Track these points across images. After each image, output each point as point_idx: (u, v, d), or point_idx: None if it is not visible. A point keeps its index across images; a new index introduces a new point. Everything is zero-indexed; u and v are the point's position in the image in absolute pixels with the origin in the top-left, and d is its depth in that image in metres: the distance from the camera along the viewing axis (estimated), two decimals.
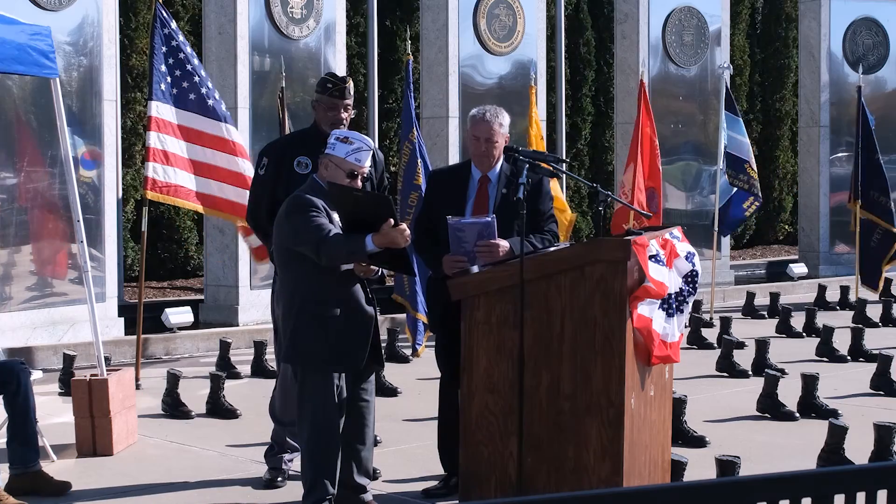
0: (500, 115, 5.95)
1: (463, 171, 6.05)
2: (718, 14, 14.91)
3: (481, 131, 5.91)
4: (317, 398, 5.36)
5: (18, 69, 6.85)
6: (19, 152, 9.90)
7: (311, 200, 5.32)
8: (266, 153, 6.34)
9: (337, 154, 5.37)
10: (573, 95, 17.26)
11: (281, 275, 5.64)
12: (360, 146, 5.38)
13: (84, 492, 6.02)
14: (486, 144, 5.89)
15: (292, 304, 5.40)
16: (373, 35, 13.24)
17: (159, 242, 14.26)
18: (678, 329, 5.41)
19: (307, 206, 5.30)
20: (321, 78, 6.35)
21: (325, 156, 5.41)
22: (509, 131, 6.02)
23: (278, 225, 5.43)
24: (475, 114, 5.99)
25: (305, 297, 5.35)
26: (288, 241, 5.37)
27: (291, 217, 5.33)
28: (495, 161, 5.94)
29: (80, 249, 7.22)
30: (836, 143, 15.69)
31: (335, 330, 5.32)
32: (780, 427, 7.53)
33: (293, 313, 5.39)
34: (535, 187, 5.86)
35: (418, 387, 8.72)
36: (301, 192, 5.42)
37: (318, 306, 5.32)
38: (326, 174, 5.39)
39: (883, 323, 11.98)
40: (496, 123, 5.90)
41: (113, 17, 10.66)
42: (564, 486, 5.08)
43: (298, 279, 5.38)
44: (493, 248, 5.57)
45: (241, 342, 10.30)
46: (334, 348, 5.33)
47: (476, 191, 5.95)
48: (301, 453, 5.52)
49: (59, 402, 8.19)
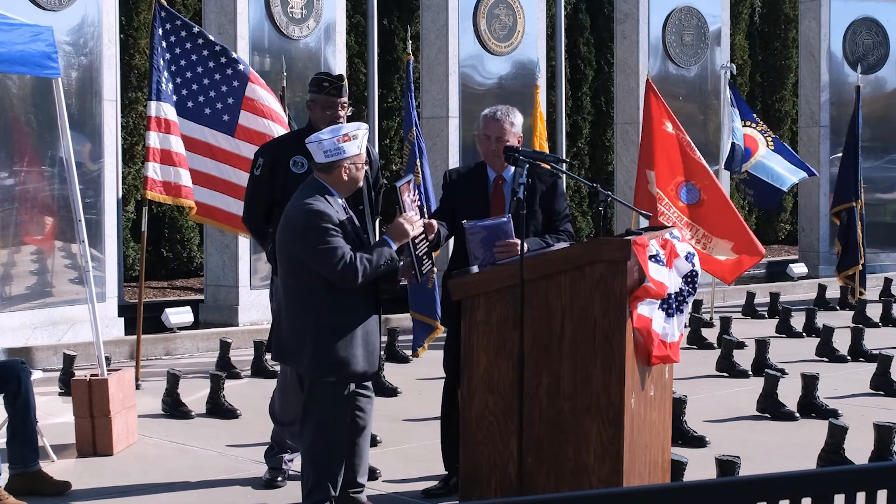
0: (512, 114, 5.94)
1: (479, 172, 6.04)
2: (718, 14, 14.91)
3: (492, 130, 5.91)
4: (327, 402, 5.31)
5: (21, 69, 6.86)
6: (19, 152, 9.90)
7: (324, 214, 5.17)
8: (261, 153, 6.33)
9: (350, 153, 5.28)
10: (573, 95, 17.26)
11: (288, 282, 5.38)
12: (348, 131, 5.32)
13: (84, 492, 6.02)
14: (496, 143, 5.89)
15: (307, 314, 5.24)
16: (373, 35, 13.24)
17: (162, 242, 14.26)
18: (678, 329, 5.41)
19: (321, 221, 5.16)
20: (314, 77, 6.28)
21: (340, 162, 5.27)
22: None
23: (290, 235, 5.26)
24: (487, 113, 5.99)
25: (323, 306, 5.22)
26: (302, 256, 5.22)
27: (307, 234, 5.16)
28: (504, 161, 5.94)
29: (80, 249, 7.22)
30: (836, 143, 15.66)
31: (357, 337, 5.26)
32: (780, 427, 7.53)
33: (310, 323, 5.23)
34: (550, 188, 5.91)
35: (418, 387, 8.72)
36: (308, 195, 5.25)
37: (337, 316, 5.22)
38: (346, 178, 5.30)
39: (883, 323, 11.99)
40: (507, 122, 5.89)
41: (113, 17, 10.66)
42: (564, 486, 5.09)
43: (313, 289, 5.23)
44: (511, 248, 5.53)
45: (241, 342, 10.30)
46: (357, 356, 5.27)
47: (492, 192, 5.96)
48: (303, 453, 5.46)
49: (59, 402, 8.19)
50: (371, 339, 5.35)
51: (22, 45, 6.60)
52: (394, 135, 15.62)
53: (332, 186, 5.31)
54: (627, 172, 14.00)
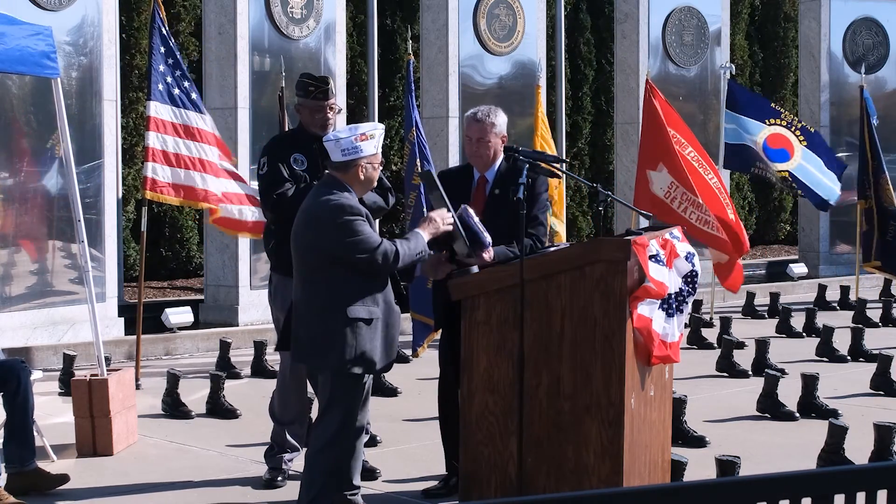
0: (493, 114, 5.93)
1: (466, 172, 6.06)
2: (718, 14, 14.91)
3: (473, 131, 5.93)
4: (349, 400, 5.24)
5: (20, 69, 6.87)
6: (19, 152, 9.90)
7: (356, 207, 5.18)
8: (263, 153, 6.37)
9: (367, 152, 5.26)
10: (573, 95, 17.26)
11: (311, 279, 5.25)
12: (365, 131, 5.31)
13: (84, 491, 6.02)
14: (477, 144, 5.90)
15: (333, 310, 5.16)
16: (373, 35, 13.23)
17: (161, 242, 14.26)
18: (678, 329, 5.42)
19: (354, 213, 5.15)
20: (299, 80, 6.27)
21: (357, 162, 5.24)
22: (509, 131, 6.01)
23: (316, 232, 5.18)
24: (469, 114, 6.03)
25: (347, 299, 5.16)
26: (335, 250, 5.16)
27: (343, 226, 5.12)
28: (491, 161, 5.93)
29: (80, 249, 7.22)
30: (836, 143, 15.66)
31: (380, 328, 5.25)
32: (780, 427, 7.53)
33: (338, 318, 5.15)
34: (528, 188, 5.77)
35: (418, 387, 8.72)
36: (327, 192, 5.22)
37: (362, 308, 5.18)
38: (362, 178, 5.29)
39: (883, 323, 11.98)
40: (487, 123, 5.89)
41: (113, 17, 10.66)
42: (564, 486, 5.09)
43: (336, 282, 5.17)
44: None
45: (241, 342, 10.29)
46: (377, 348, 5.25)
47: (474, 191, 5.95)
48: (314, 453, 5.31)
49: (59, 402, 8.19)
50: (391, 331, 5.32)
51: (21, 45, 6.60)
52: (394, 135, 15.62)
53: (348, 185, 5.27)
54: (627, 172, 13.99)
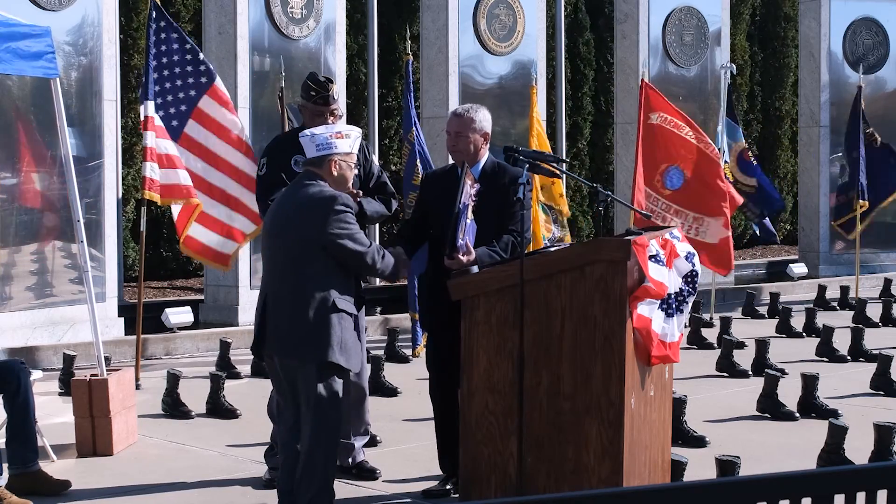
0: (474, 111, 5.97)
1: (452, 170, 6.05)
2: (718, 14, 14.90)
3: (451, 125, 5.97)
4: (336, 398, 5.21)
5: (19, 69, 6.86)
6: (19, 152, 9.90)
7: (349, 200, 5.25)
8: (263, 154, 6.42)
9: (341, 149, 5.30)
10: (573, 95, 17.26)
11: (295, 269, 5.18)
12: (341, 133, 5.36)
13: (84, 492, 6.02)
14: (455, 138, 5.93)
15: (319, 300, 5.13)
16: (373, 35, 13.22)
17: (161, 242, 14.26)
18: (677, 329, 5.41)
19: (348, 206, 5.22)
20: (304, 83, 6.32)
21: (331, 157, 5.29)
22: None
23: (312, 218, 5.17)
24: (451, 110, 6.08)
25: (336, 290, 5.17)
26: (330, 236, 5.14)
27: (339, 215, 5.16)
28: (472, 157, 5.90)
29: (80, 249, 7.22)
30: (836, 143, 15.65)
31: (356, 325, 5.29)
32: (780, 427, 7.53)
33: (325, 308, 5.13)
34: (511, 183, 5.74)
35: (418, 387, 8.71)
36: (311, 184, 5.27)
37: (344, 302, 5.20)
38: (335, 174, 5.31)
39: (883, 323, 11.98)
40: (466, 118, 5.92)
41: (113, 17, 10.66)
42: (564, 486, 5.09)
43: (324, 273, 5.17)
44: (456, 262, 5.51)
45: (241, 342, 10.27)
46: (357, 346, 5.31)
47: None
48: (310, 456, 5.21)
49: (59, 402, 8.19)
50: (361, 334, 5.41)
51: (21, 45, 6.60)
52: (394, 134, 15.62)
53: (324, 180, 5.32)
54: (627, 172, 13.98)
